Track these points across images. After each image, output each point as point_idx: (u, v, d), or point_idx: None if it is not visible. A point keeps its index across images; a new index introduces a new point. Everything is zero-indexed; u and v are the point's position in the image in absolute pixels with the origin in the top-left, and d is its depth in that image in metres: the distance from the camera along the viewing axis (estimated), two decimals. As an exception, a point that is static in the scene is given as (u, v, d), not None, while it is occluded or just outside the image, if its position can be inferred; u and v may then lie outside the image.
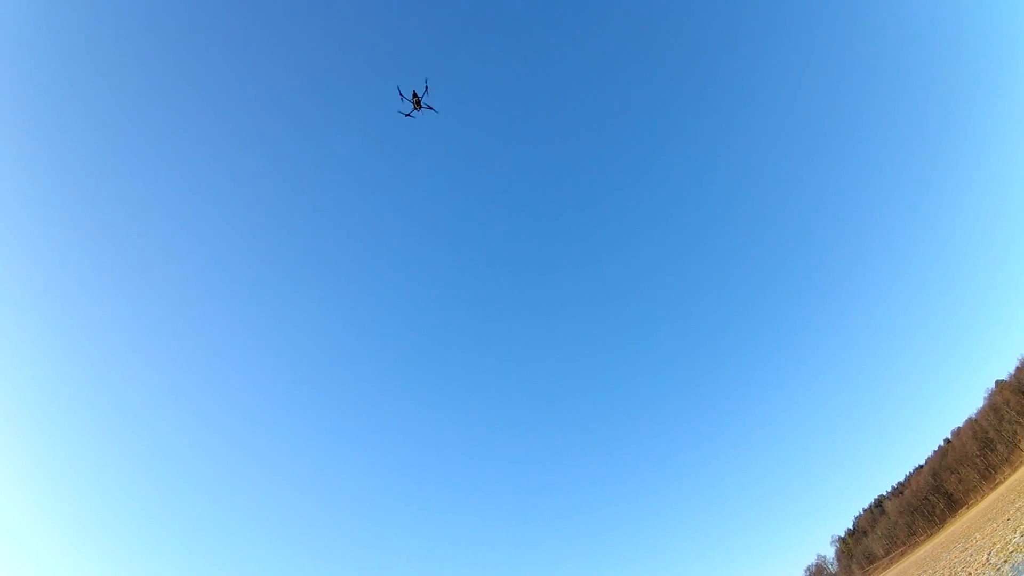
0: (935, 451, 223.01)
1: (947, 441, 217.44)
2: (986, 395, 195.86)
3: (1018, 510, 70.87)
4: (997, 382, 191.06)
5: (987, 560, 50.38)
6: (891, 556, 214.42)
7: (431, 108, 52.50)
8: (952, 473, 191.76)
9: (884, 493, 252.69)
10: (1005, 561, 43.70)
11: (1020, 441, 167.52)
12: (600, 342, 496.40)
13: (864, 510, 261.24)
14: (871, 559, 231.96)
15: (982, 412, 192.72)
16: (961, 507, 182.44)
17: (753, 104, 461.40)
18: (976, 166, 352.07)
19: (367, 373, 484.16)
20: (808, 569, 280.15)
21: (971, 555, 64.42)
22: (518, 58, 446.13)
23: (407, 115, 53.05)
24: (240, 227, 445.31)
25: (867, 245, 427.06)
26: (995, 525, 75.67)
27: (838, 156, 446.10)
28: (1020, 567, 38.51)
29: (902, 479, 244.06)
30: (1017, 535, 50.36)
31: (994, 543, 57.99)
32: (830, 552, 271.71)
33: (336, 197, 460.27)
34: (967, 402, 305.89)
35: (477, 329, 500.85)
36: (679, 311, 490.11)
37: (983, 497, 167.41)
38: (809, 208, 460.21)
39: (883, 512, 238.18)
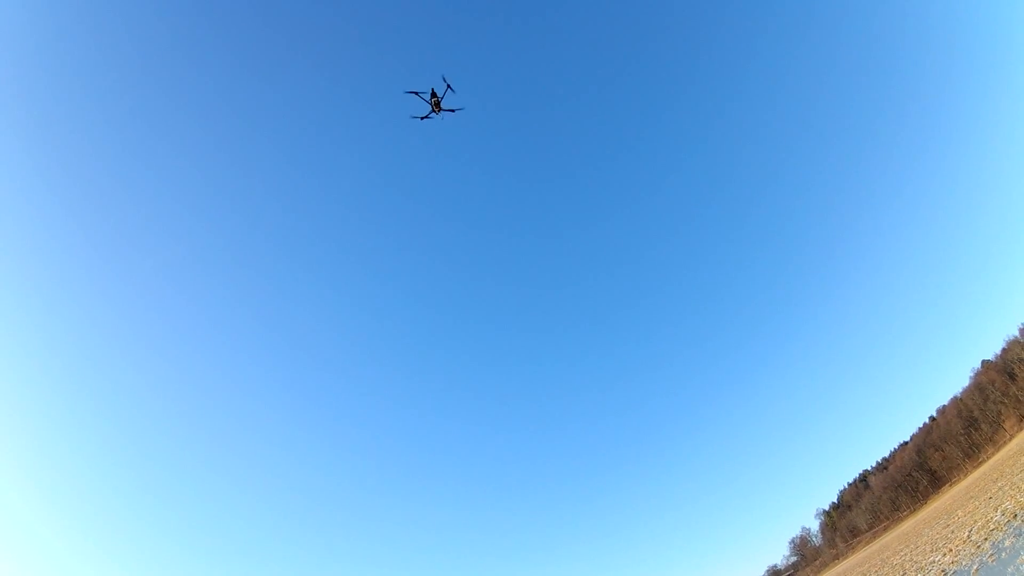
0: (920, 428, 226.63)
1: (932, 419, 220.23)
2: (972, 374, 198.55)
3: (1000, 489, 72.40)
4: (983, 362, 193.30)
5: (968, 537, 51.49)
6: (874, 530, 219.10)
7: (452, 110, 46.53)
8: (936, 450, 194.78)
9: (869, 468, 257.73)
10: (986, 539, 44.72)
11: (1004, 421, 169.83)
12: (575, 330, 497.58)
13: (849, 484, 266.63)
14: (855, 533, 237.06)
15: (967, 391, 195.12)
16: (944, 484, 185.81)
17: (735, 101, 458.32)
18: (969, 152, 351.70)
19: (369, 372, 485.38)
20: (793, 541, 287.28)
21: (953, 532, 65.84)
22: (517, 58, 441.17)
23: (424, 118, 47.12)
24: (240, 227, 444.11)
25: (857, 226, 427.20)
26: (977, 503, 77.27)
27: (829, 141, 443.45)
28: (1000, 544, 39.70)
29: (887, 455, 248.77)
30: (998, 514, 51.52)
31: (975, 520, 59.21)
32: (814, 525, 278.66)
33: (334, 196, 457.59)
34: (953, 381, 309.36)
35: (468, 327, 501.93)
36: (659, 293, 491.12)
37: (966, 475, 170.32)
38: (797, 190, 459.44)
39: (867, 487, 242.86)
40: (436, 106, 46.58)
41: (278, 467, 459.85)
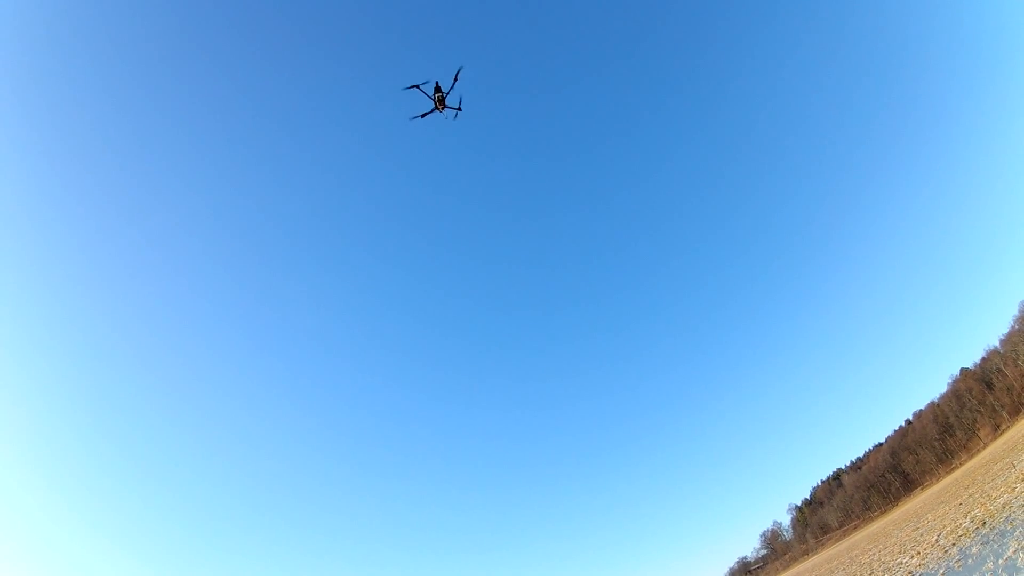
0: (895, 431, 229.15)
1: (908, 422, 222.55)
2: (950, 381, 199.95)
3: (971, 496, 73.34)
4: (962, 370, 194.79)
5: (936, 541, 52.09)
6: (845, 528, 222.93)
7: (458, 108, 42.59)
8: (910, 454, 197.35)
9: (843, 467, 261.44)
10: (954, 544, 45.19)
11: (979, 429, 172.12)
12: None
13: (822, 482, 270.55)
14: (825, 529, 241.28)
15: (944, 397, 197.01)
16: (916, 488, 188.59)
17: (731, 96, 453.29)
18: (959, 159, 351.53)
19: (371, 371, 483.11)
20: (764, 534, 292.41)
21: (922, 535, 66.71)
22: (513, 59, 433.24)
23: (424, 116, 43.05)
24: (240, 226, 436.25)
25: (844, 227, 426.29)
26: (947, 508, 78.26)
27: (817, 145, 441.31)
28: (967, 551, 40.29)
29: (861, 455, 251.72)
30: (968, 520, 52.14)
31: (945, 525, 59.91)
32: (786, 519, 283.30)
33: (333, 196, 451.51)
34: (931, 386, 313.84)
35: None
36: (635, 288, 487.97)
37: (938, 480, 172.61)
38: (784, 190, 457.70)
39: (840, 485, 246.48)
40: (440, 103, 42.99)
41: (264, 460, 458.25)
